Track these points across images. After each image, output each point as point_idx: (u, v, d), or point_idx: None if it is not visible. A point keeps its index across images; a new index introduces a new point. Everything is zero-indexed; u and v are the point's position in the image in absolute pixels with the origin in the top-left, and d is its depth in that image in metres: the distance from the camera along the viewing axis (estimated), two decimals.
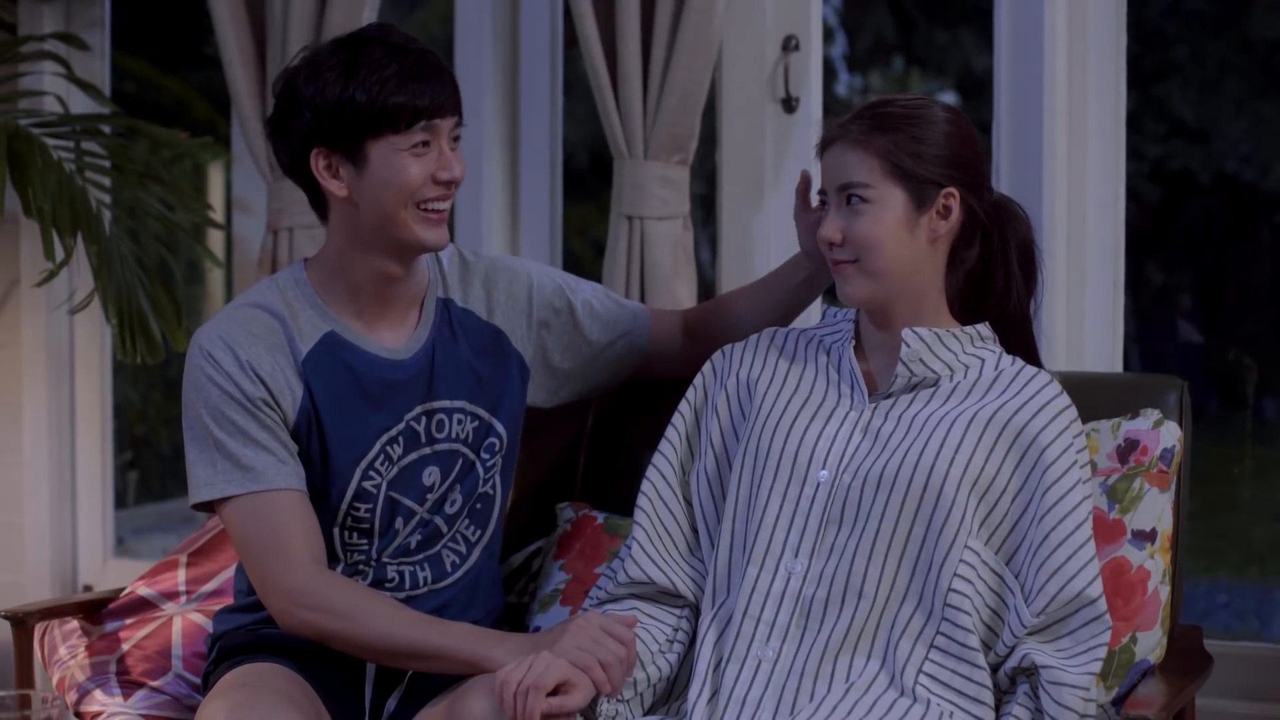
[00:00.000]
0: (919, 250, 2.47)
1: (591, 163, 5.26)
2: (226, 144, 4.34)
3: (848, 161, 2.46)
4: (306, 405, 2.63)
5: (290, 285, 2.69)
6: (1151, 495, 2.68)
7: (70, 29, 4.31)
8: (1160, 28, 5.67)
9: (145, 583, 3.16)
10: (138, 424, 5.59)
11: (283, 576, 2.58)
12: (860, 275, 2.47)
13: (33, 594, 4.31)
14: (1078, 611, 2.38)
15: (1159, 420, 2.73)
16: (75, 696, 2.98)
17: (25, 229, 4.29)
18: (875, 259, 2.45)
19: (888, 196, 2.44)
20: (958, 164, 2.47)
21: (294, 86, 2.60)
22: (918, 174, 2.44)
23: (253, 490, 2.59)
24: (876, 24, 6.55)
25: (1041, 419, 2.44)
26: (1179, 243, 5.81)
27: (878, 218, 2.44)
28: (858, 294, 2.48)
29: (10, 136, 3.73)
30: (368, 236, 2.63)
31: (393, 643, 2.55)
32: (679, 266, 3.48)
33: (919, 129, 2.45)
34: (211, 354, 2.61)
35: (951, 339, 2.51)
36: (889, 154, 2.44)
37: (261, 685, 2.57)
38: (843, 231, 2.46)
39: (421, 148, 2.57)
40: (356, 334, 2.67)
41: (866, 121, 2.46)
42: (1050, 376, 2.52)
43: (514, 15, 3.88)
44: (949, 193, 2.46)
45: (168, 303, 3.94)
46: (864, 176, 2.44)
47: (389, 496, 2.68)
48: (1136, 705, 2.51)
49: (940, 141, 2.46)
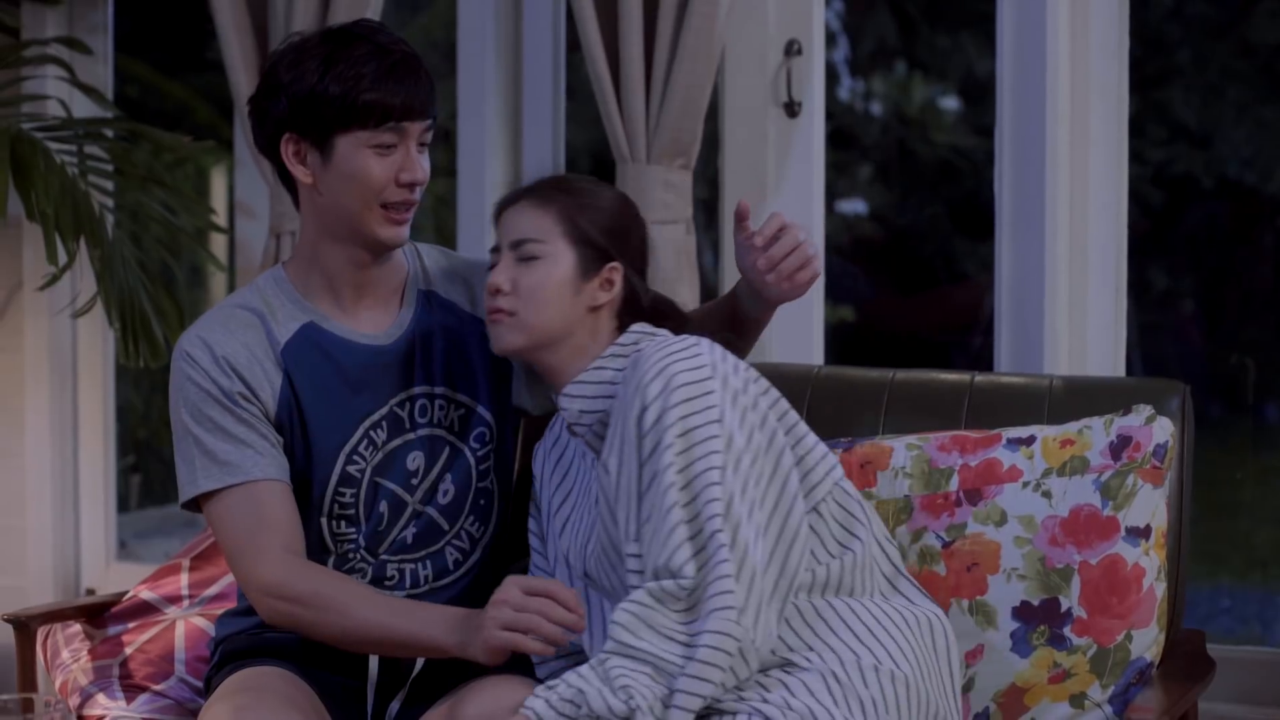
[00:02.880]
0: (577, 314, 2.59)
1: (593, 167, 5.26)
2: (229, 148, 4.34)
3: (527, 218, 2.60)
4: (287, 394, 2.65)
5: (269, 284, 2.73)
6: (1145, 491, 2.69)
7: (73, 33, 4.31)
8: (1162, 32, 5.67)
9: (148, 586, 3.16)
10: (140, 428, 5.60)
11: (256, 568, 2.59)
12: (515, 327, 2.59)
13: (35, 598, 4.31)
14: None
15: (1151, 416, 2.73)
16: (78, 700, 2.98)
17: (28, 233, 4.29)
18: (533, 312, 2.57)
19: (559, 255, 2.58)
20: (625, 243, 2.62)
21: (275, 70, 2.64)
22: (589, 238, 2.58)
23: (229, 484, 2.61)
24: (879, 28, 6.55)
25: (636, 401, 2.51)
26: (1181, 247, 5.81)
27: (547, 272, 2.58)
28: (509, 345, 2.61)
29: (13, 140, 3.73)
30: (333, 225, 2.67)
31: (365, 630, 2.54)
32: (682, 271, 3.48)
33: (596, 200, 2.62)
34: (189, 353, 2.65)
35: (601, 369, 2.59)
36: (566, 215, 2.59)
37: (263, 689, 2.57)
38: (512, 281, 2.58)
39: (387, 149, 2.61)
40: (335, 322, 2.70)
41: (549, 186, 2.64)
42: (665, 342, 2.53)
43: (516, 19, 3.88)
44: (613, 267, 2.60)
45: (170, 306, 3.95)
46: (540, 233, 2.58)
47: (373, 481, 2.69)
48: (1137, 711, 2.51)
49: (613, 215, 2.62)
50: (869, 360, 3.53)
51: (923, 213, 6.56)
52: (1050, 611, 2.66)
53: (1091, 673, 2.65)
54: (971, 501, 2.74)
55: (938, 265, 6.54)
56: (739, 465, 2.42)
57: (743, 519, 2.38)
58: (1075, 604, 2.66)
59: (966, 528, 2.73)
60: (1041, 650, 2.66)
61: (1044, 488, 2.72)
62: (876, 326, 6.34)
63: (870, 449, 2.84)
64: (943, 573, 2.72)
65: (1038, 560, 2.68)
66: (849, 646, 2.44)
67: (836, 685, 2.39)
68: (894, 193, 6.65)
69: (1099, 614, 2.65)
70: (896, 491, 2.79)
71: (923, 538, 2.75)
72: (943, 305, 6.37)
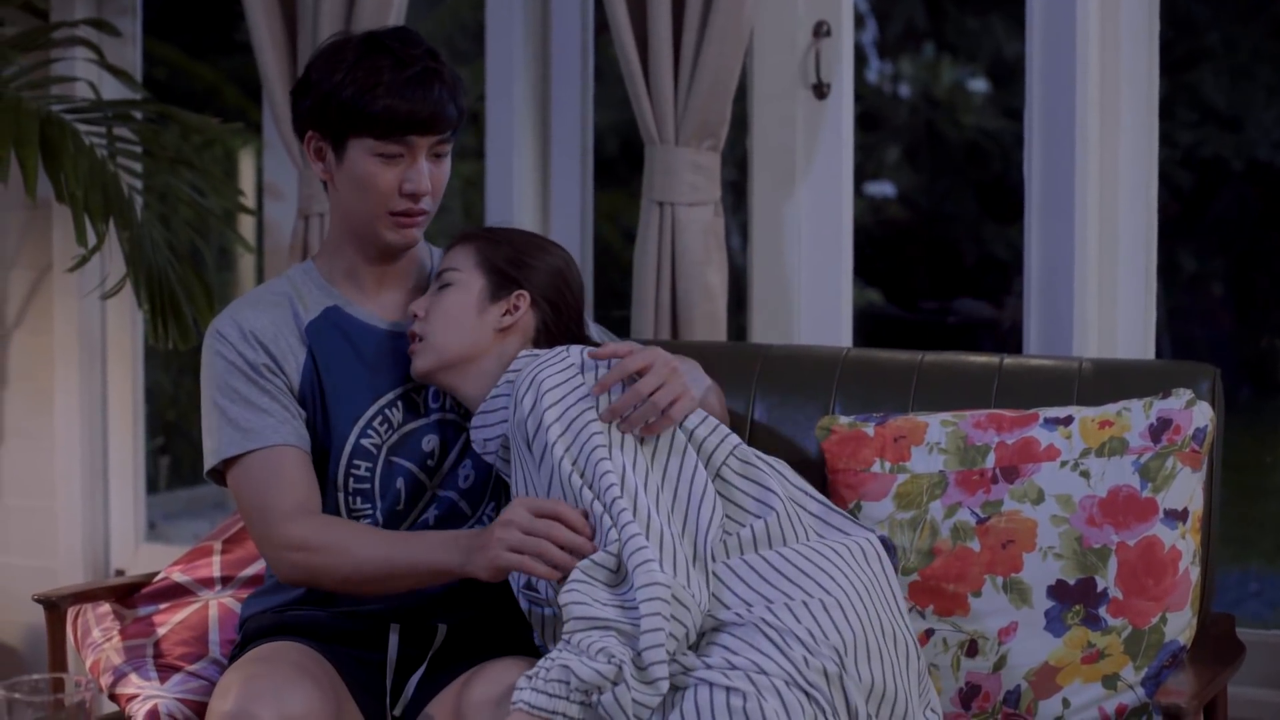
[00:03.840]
0: (483, 336, 2.72)
1: (620, 149, 5.25)
2: (257, 130, 4.34)
3: (451, 255, 2.78)
4: (309, 367, 2.75)
5: (298, 273, 2.85)
6: (1184, 475, 2.68)
7: (102, 15, 4.32)
8: (1192, 13, 5.65)
9: (181, 568, 3.17)
10: (169, 409, 5.61)
11: (272, 526, 2.67)
12: (423, 350, 2.72)
13: (65, 578, 4.34)
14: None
15: (1191, 400, 2.73)
16: (110, 679, 2.99)
17: (57, 215, 4.30)
18: (440, 333, 2.72)
19: (470, 281, 2.74)
20: (532, 271, 2.75)
21: (310, 67, 2.75)
22: (496, 267, 2.74)
23: (249, 449, 2.70)
24: (907, 10, 6.53)
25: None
26: (1211, 230, 5.79)
27: (456, 296, 2.73)
28: (419, 368, 2.73)
29: (43, 122, 3.74)
30: (350, 221, 2.78)
31: (372, 566, 2.61)
32: (710, 253, 3.47)
33: (507, 236, 2.79)
34: (220, 331, 2.76)
35: (496, 397, 2.69)
36: (479, 247, 2.76)
37: (277, 659, 2.61)
38: (426, 307, 2.74)
39: (393, 158, 2.70)
40: (357, 306, 2.81)
41: (475, 231, 2.81)
42: (537, 356, 2.66)
43: (545, 1, 3.88)
44: (520, 294, 2.73)
45: (199, 288, 3.95)
46: (457, 264, 2.76)
47: (388, 459, 2.76)
48: (1168, 694, 2.51)
49: (521, 248, 2.77)
50: (893, 343, 3.53)
51: (950, 195, 6.55)
52: (1086, 591, 2.66)
53: (1125, 654, 2.64)
54: (1008, 479, 2.74)
55: (966, 248, 6.52)
56: (624, 443, 2.53)
57: (639, 488, 2.46)
58: (1111, 584, 2.65)
59: (1003, 505, 2.73)
60: (1076, 630, 2.66)
61: (1082, 467, 2.71)
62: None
63: (904, 423, 2.84)
64: (977, 549, 2.72)
65: (1074, 539, 2.68)
66: (778, 589, 2.48)
67: (771, 630, 2.42)
68: (922, 175, 6.63)
69: (1135, 595, 2.65)
70: (931, 466, 2.79)
71: (957, 513, 2.74)
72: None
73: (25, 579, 4.37)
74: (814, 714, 2.37)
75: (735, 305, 3.70)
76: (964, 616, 2.72)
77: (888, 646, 2.49)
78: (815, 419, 2.99)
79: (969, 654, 2.72)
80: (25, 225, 4.40)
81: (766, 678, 2.37)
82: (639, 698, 2.31)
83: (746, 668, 2.38)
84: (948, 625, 2.73)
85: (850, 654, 2.43)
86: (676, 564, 2.41)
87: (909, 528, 2.76)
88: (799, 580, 2.48)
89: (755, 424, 3.06)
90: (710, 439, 2.61)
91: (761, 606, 2.45)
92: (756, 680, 2.37)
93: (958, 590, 2.72)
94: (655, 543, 2.40)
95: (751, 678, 2.37)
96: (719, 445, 2.61)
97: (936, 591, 2.73)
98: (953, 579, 2.72)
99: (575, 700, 2.31)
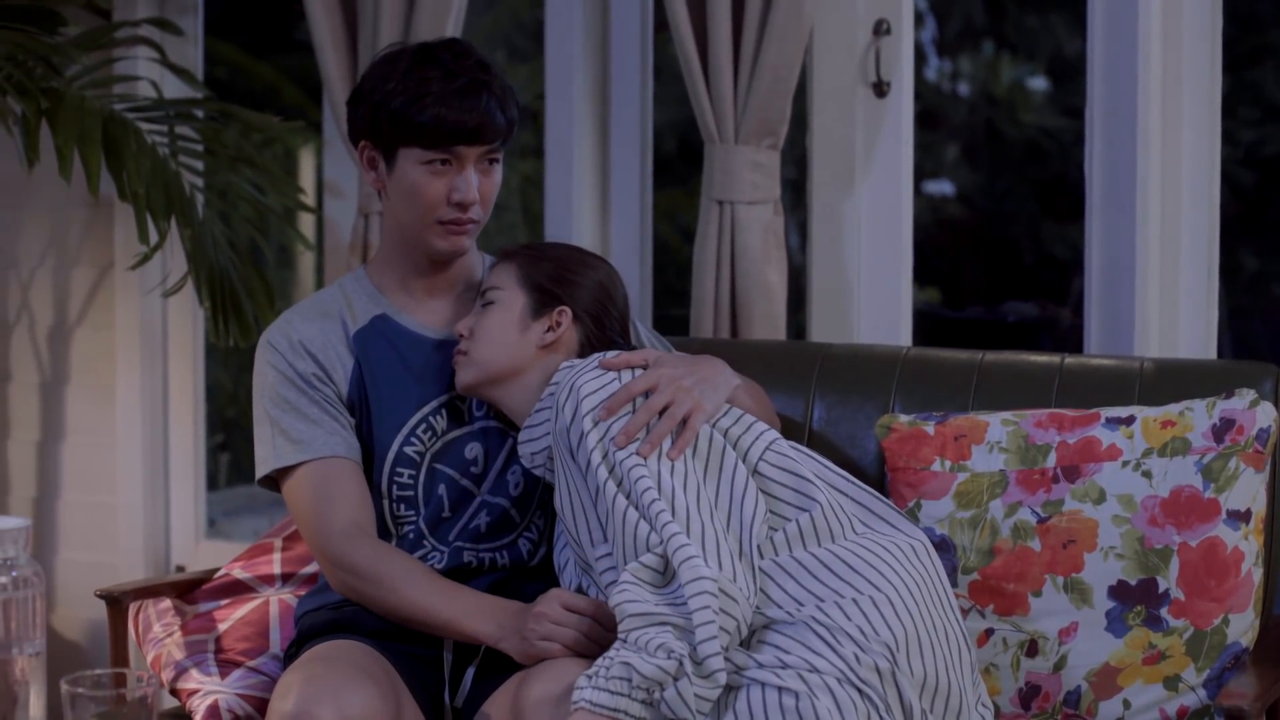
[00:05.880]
0: (526, 352, 2.75)
1: (679, 147, 5.25)
2: (317, 129, 4.36)
3: (494, 274, 2.81)
4: (356, 375, 2.79)
5: (350, 282, 2.89)
6: (1247, 475, 2.67)
7: (164, 14, 4.34)
8: (1255, 11, 5.61)
9: (241, 565, 3.19)
10: (229, 406, 5.64)
11: (324, 541, 2.72)
12: (466, 364, 2.76)
13: (126, 574, 4.36)
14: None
15: (1255, 400, 2.71)
16: (172, 673, 3.00)
17: (120, 213, 4.33)
18: (483, 349, 2.75)
19: (513, 299, 2.77)
20: (576, 289, 2.78)
21: (366, 77, 2.79)
22: (539, 284, 2.77)
23: (302, 460, 2.74)
24: (966, 8, 6.51)
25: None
26: (1273, 229, 5.75)
27: (499, 314, 2.76)
28: (462, 381, 2.77)
29: (105, 121, 3.76)
30: (403, 228, 2.81)
31: (411, 609, 2.66)
32: (769, 251, 3.47)
33: (548, 253, 2.82)
34: (270, 342, 2.81)
35: (540, 411, 2.71)
36: (521, 265, 2.79)
37: (337, 659, 2.62)
38: (471, 327, 2.78)
39: (441, 166, 2.73)
40: (405, 315, 2.84)
41: (517, 249, 2.83)
42: (575, 365, 2.70)
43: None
44: (562, 310, 2.76)
45: (259, 286, 3.98)
46: (500, 282, 2.79)
47: (431, 466, 2.79)
48: (1230, 696, 2.49)
49: (562, 265, 2.79)
50: (952, 342, 3.52)
51: (1009, 194, 6.52)
52: (1148, 592, 2.65)
53: (1187, 655, 2.63)
54: (1069, 479, 2.73)
55: (1025, 247, 6.50)
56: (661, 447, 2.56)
57: (675, 488, 2.48)
58: (1173, 585, 2.64)
59: (1064, 504, 2.72)
60: (1137, 631, 2.65)
61: (1144, 468, 2.70)
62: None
63: (965, 422, 2.84)
64: (1037, 548, 2.71)
65: (1136, 540, 2.66)
66: (828, 587, 2.48)
67: (822, 628, 2.42)
68: (981, 174, 6.61)
69: (1197, 596, 2.63)
70: (991, 465, 2.78)
71: (1017, 512, 2.73)
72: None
73: (87, 575, 4.40)
74: (867, 711, 2.37)
75: (794, 304, 3.69)
76: (1024, 616, 2.71)
77: (940, 641, 2.49)
78: (875, 418, 2.99)
79: (1029, 654, 2.71)
80: (87, 223, 4.42)
81: (819, 676, 2.37)
82: (700, 692, 2.32)
83: (798, 666, 2.38)
84: (1008, 625, 2.72)
85: (902, 650, 2.43)
86: (721, 558, 2.42)
87: (969, 527, 2.76)
88: (849, 577, 2.49)
89: (814, 423, 3.06)
90: (745, 436, 2.63)
91: (812, 605, 2.46)
92: (809, 679, 2.37)
93: (1018, 590, 2.71)
94: (697, 539, 2.42)
95: (804, 676, 2.37)
96: (754, 442, 2.62)
97: (996, 591, 2.72)
98: (1013, 578, 2.71)
99: (638, 698, 2.32)
